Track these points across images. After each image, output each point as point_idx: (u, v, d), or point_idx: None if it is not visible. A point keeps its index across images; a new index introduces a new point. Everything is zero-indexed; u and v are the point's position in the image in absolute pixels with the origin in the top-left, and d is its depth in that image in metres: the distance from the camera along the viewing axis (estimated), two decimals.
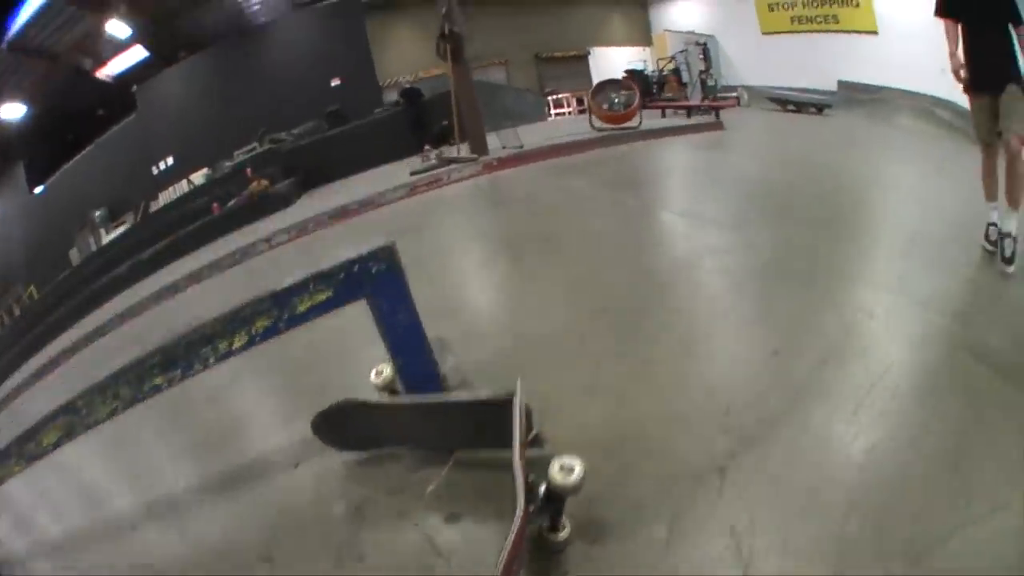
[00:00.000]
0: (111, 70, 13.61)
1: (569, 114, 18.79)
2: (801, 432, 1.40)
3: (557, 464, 1.07)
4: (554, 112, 19.13)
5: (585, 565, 1.10)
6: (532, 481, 1.09)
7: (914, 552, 1.04)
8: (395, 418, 1.57)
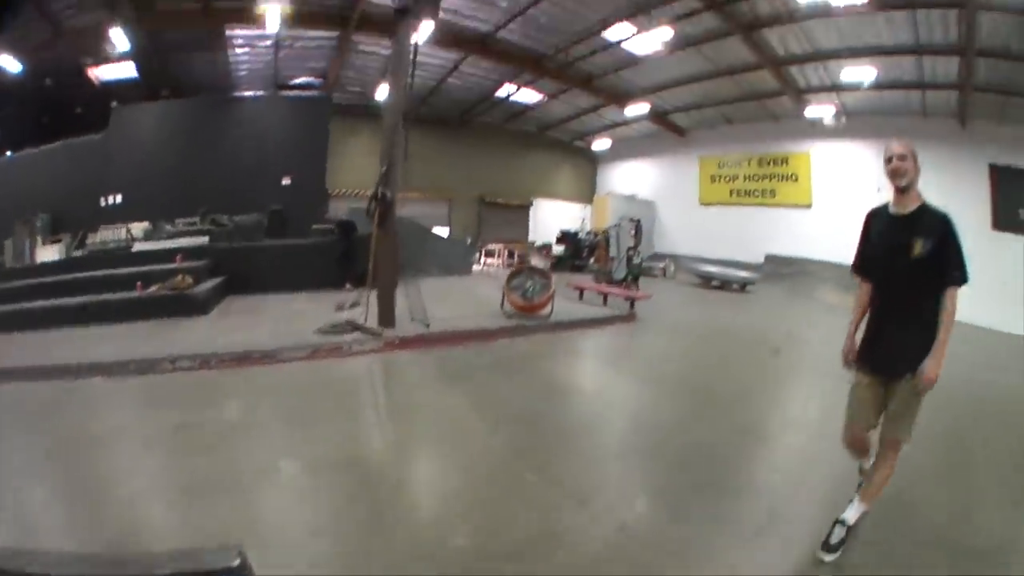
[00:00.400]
0: (101, 74, 13.54)
1: (498, 265, 19.35)
2: None
3: None
4: (484, 260, 19.80)
5: None
6: None
7: None
8: None
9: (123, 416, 4.49)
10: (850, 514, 2.79)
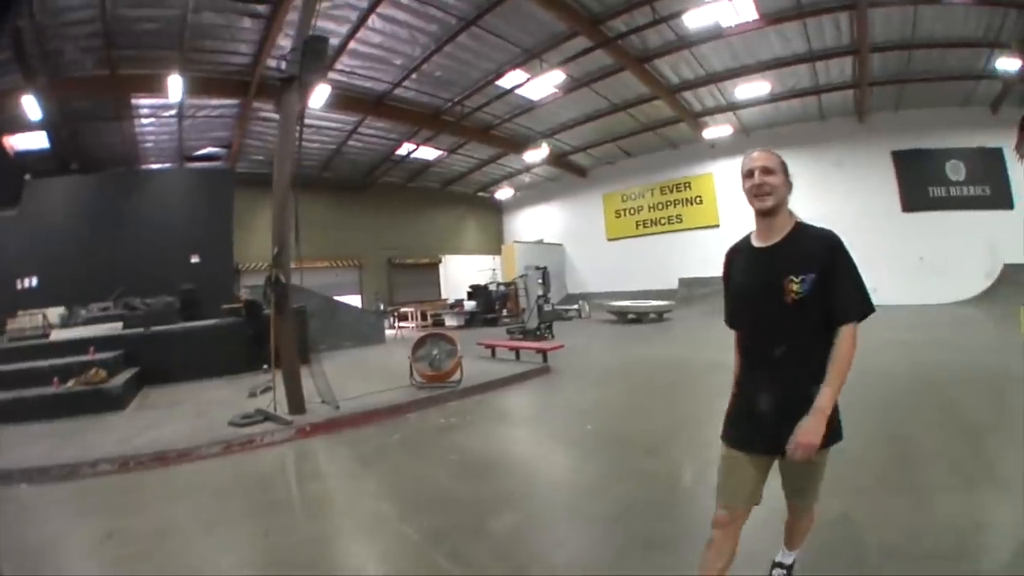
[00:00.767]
0: (16, 144, 13.47)
1: (413, 328, 19.87)
2: None
3: None
4: (399, 325, 20.33)
5: None
6: None
7: None
8: None
9: (54, 526, 4.74)
10: (785, 559, 2.65)
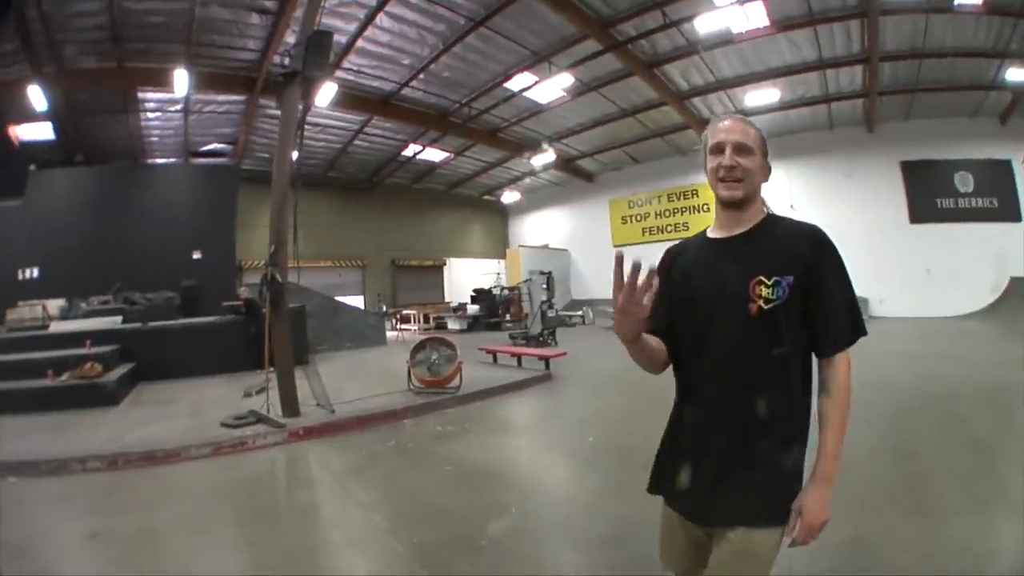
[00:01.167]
0: (22, 134, 13.55)
1: (414, 331, 19.73)
2: None
3: None
4: (400, 327, 20.19)
5: None
6: None
7: None
8: None
9: (39, 523, 4.69)
10: None
